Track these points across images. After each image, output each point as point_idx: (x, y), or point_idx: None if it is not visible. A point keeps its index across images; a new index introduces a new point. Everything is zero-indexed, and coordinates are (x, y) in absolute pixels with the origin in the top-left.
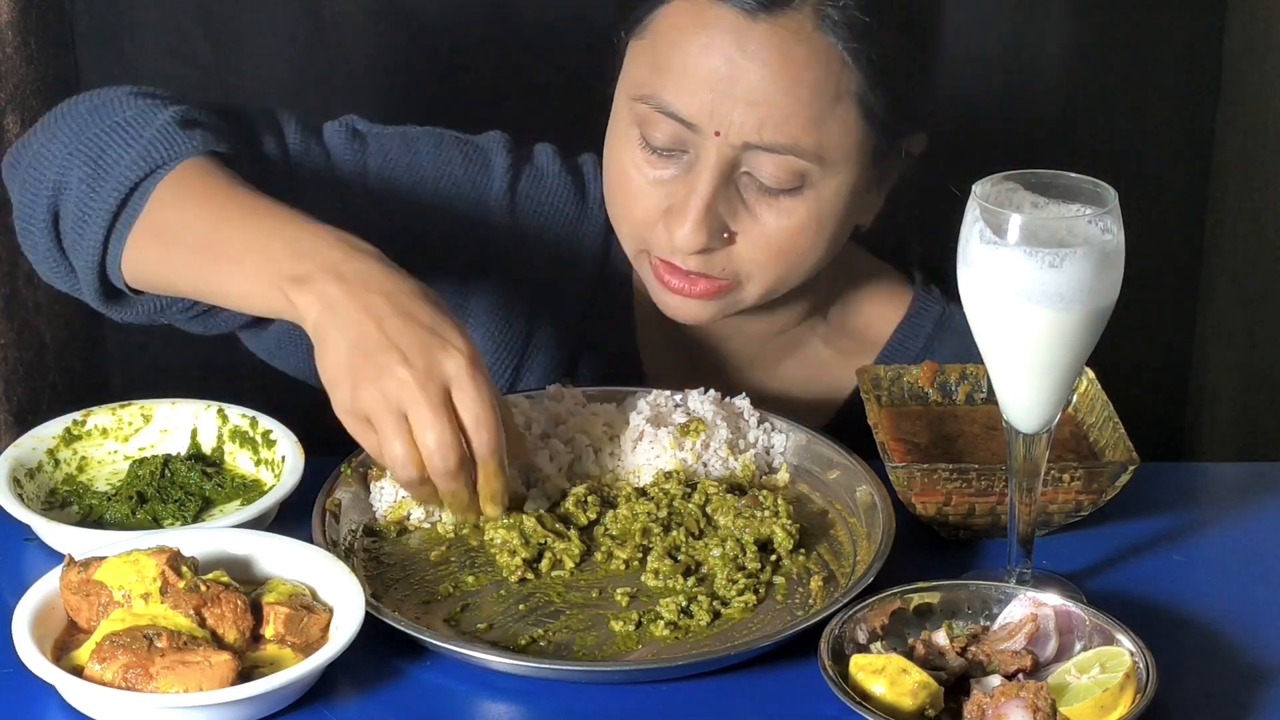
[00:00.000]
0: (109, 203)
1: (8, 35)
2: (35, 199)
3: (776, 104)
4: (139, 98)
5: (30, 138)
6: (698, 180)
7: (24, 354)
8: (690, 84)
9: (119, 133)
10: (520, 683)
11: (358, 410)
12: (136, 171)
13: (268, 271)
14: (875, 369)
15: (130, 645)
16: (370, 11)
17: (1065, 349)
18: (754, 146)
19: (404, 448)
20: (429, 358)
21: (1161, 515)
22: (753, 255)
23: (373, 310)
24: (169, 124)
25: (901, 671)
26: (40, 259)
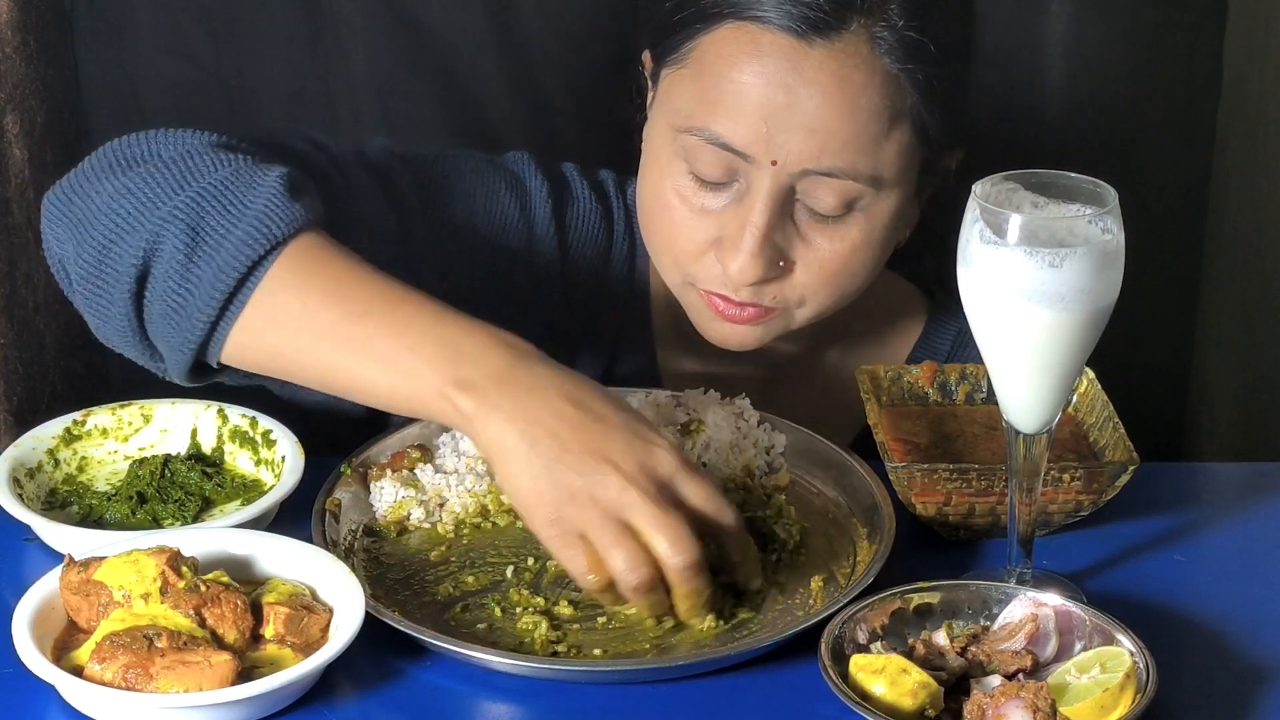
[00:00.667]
0: (220, 284)
1: (8, 35)
2: (110, 261)
3: (835, 130)
4: (221, 150)
5: (86, 179)
6: (751, 211)
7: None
8: (743, 114)
9: (219, 198)
10: (520, 683)
11: (567, 527)
12: (251, 250)
13: (425, 376)
14: (875, 369)
15: (130, 645)
16: (370, 12)
17: (1065, 349)
18: (812, 173)
19: (628, 554)
20: (640, 459)
21: (1161, 515)
22: (805, 281)
23: (564, 418)
24: (278, 192)
25: (901, 671)
26: (108, 324)
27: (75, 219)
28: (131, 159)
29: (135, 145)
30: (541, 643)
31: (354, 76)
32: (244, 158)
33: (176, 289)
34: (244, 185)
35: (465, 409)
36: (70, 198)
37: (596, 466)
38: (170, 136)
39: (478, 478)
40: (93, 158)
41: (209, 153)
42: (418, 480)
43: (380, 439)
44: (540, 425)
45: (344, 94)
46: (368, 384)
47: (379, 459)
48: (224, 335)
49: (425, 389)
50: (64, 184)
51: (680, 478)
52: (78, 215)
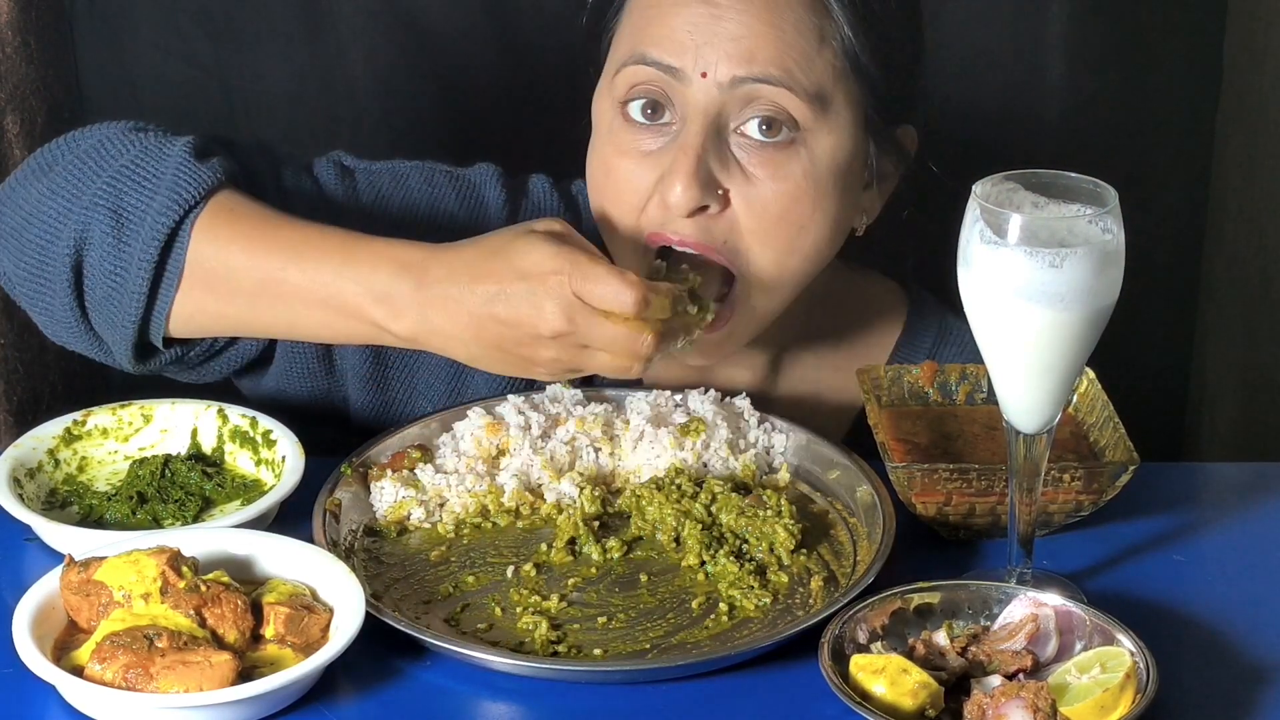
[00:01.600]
0: (147, 256)
1: (8, 35)
2: (48, 261)
3: (761, 36)
4: (132, 133)
5: (12, 190)
6: (684, 134)
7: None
8: (670, 32)
9: (132, 176)
10: (520, 683)
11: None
12: (168, 218)
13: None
14: (875, 369)
15: (130, 645)
16: (370, 12)
17: (1065, 349)
18: (744, 80)
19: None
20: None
21: (1161, 515)
22: (749, 224)
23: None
24: (185, 158)
25: (902, 671)
26: (56, 321)
27: (7, 229)
28: (52, 162)
29: (55, 148)
30: (541, 643)
31: (354, 76)
32: (154, 134)
33: (111, 272)
34: (154, 158)
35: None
36: (1, 210)
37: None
38: (86, 131)
39: (478, 477)
40: (19, 169)
41: (120, 136)
42: (418, 480)
43: (380, 439)
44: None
45: (344, 94)
46: (313, 329)
47: (379, 459)
48: (164, 308)
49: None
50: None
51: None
52: (9, 225)
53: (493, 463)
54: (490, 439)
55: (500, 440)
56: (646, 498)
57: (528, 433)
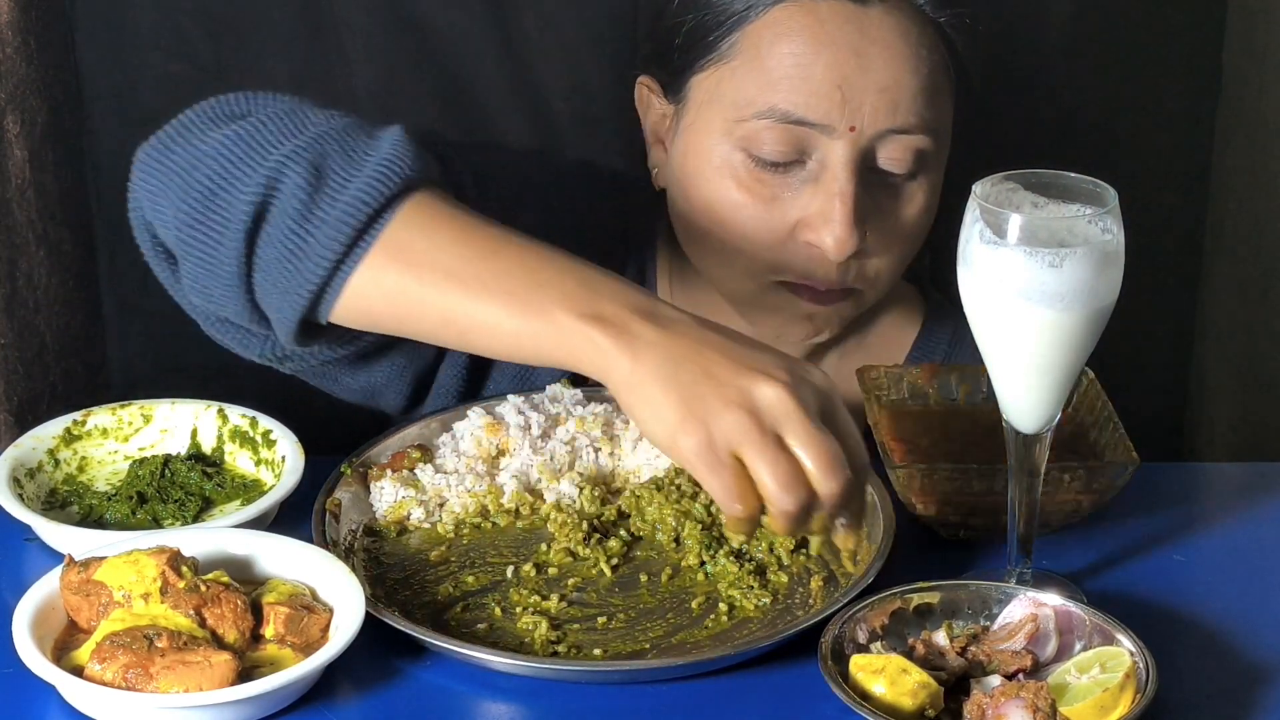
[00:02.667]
0: (346, 224)
1: (8, 35)
2: (223, 206)
3: (905, 85)
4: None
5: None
6: (835, 182)
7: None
8: (814, 85)
9: (340, 142)
10: (520, 683)
11: (715, 445)
12: (381, 189)
13: (557, 314)
14: (875, 369)
15: (130, 645)
16: (370, 12)
17: (1065, 349)
18: (890, 132)
19: (786, 472)
20: (793, 369)
21: (1161, 515)
22: (882, 252)
23: (711, 344)
24: (404, 139)
25: (901, 671)
26: (213, 273)
27: (177, 166)
28: (233, 114)
29: (234, 102)
30: (541, 643)
31: (354, 76)
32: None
33: (296, 230)
34: (364, 132)
35: (603, 342)
36: (169, 147)
37: (750, 377)
38: (267, 96)
39: (478, 477)
40: (189, 112)
41: (316, 109)
42: (418, 480)
43: (380, 439)
44: (685, 348)
45: (344, 94)
46: (493, 325)
47: (379, 459)
48: (343, 280)
49: (558, 326)
50: (159, 137)
51: (835, 397)
52: (179, 162)
53: (493, 463)
54: (490, 439)
55: (500, 440)
56: (646, 498)
57: (528, 433)
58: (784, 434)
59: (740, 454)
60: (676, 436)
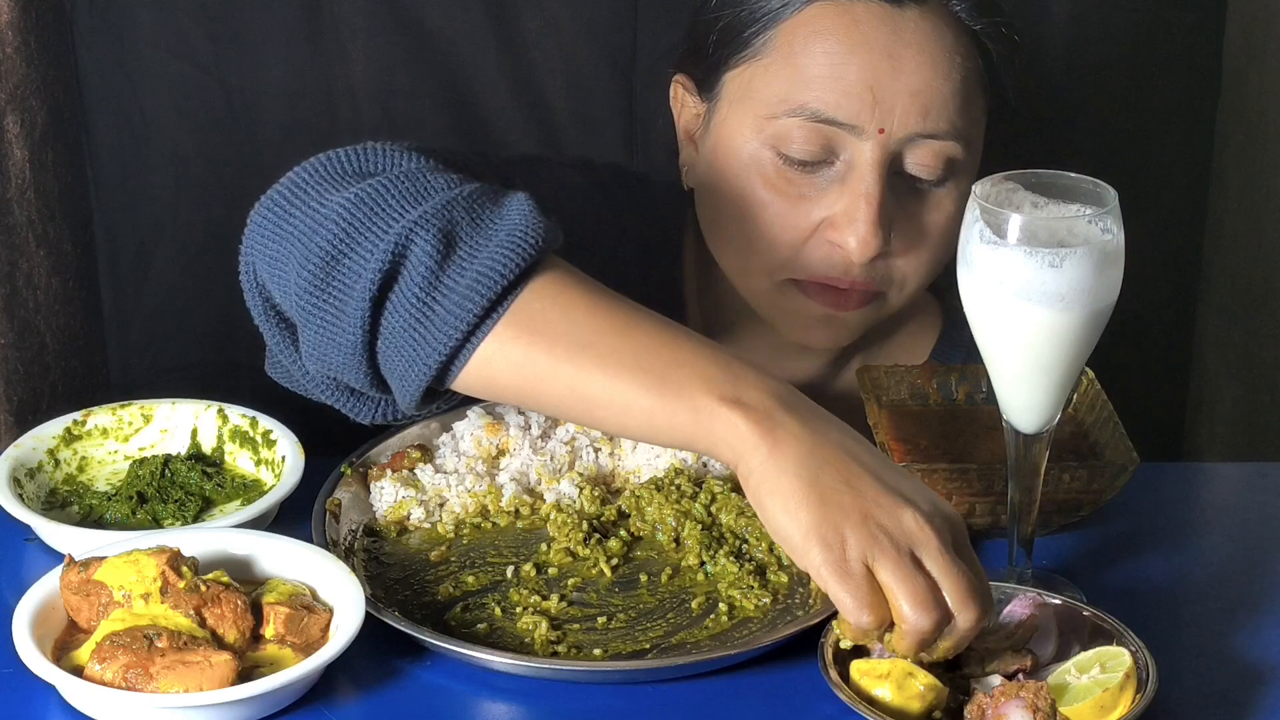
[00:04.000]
0: (477, 295)
1: (8, 35)
2: (346, 272)
3: (938, 90)
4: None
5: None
6: (862, 183)
7: (24, 354)
8: (846, 85)
9: (468, 210)
10: (520, 683)
11: (848, 553)
12: (514, 260)
13: (697, 396)
14: (875, 369)
15: (130, 645)
16: (370, 12)
17: (1065, 349)
18: (919, 136)
19: (922, 594)
20: (934, 501)
21: (1161, 515)
22: (908, 257)
23: (854, 454)
24: (532, 208)
25: (907, 675)
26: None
27: (296, 230)
28: (349, 172)
29: (349, 159)
30: (541, 643)
31: (354, 76)
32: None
33: (424, 299)
34: (492, 201)
35: (743, 429)
36: (287, 210)
37: (892, 500)
38: (383, 153)
39: (478, 478)
40: (300, 171)
41: (436, 172)
42: (418, 480)
43: (380, 439)
44: (830, 450)
45: (344, 94)
46: (627, 402)
47: (379, 459)
48: (472, 351)
49: (696, 408)
50: (272, 197)
51: (965, 534)
52: (299, 226)
53: (493, 463)
54: (490, 439)
55: (500, 440)
56: (646, 498)
57: (527, 433)
58: (921, 559)
59: (875, 567)
60: (810, 540)
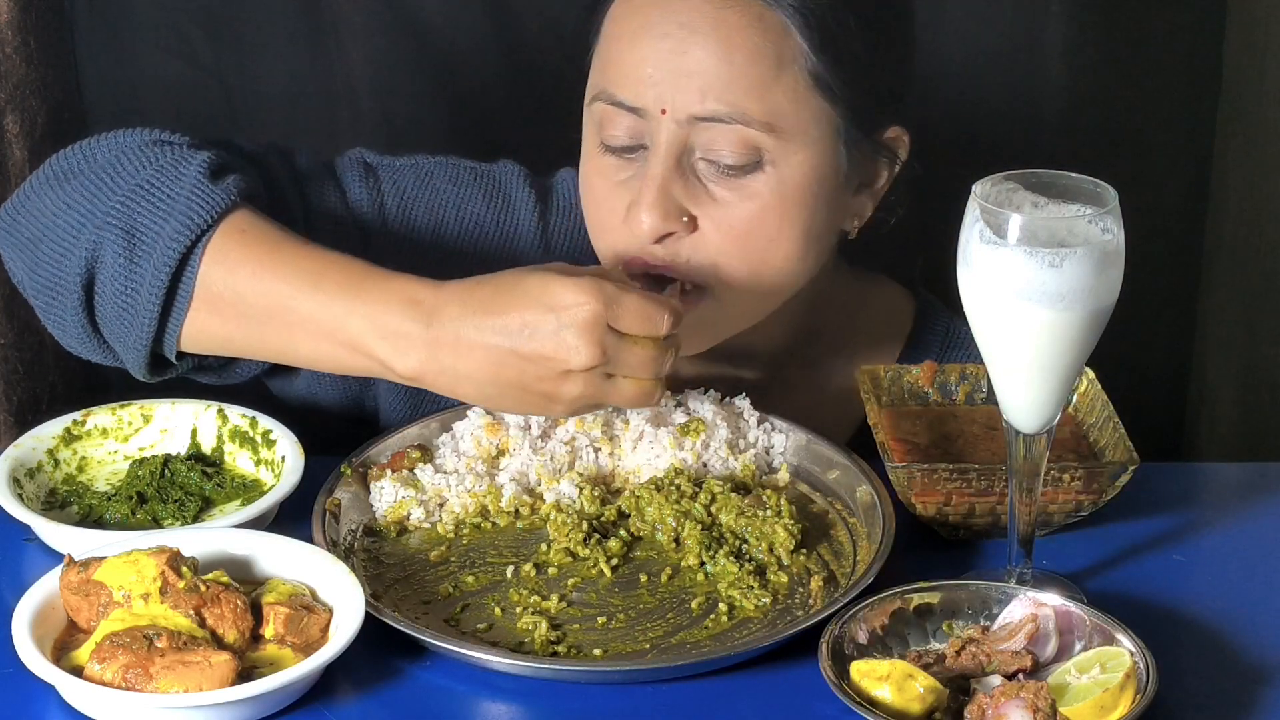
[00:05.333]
0: (157, 281)
1: (8, 35)
2: (60, 275)
3: (715, 72)
4: (151, 147)
5: (28, 199)
6: (649, 165)
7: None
8: (632, 68)
9: (147, 197)
10: (520, 683)
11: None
12: (180, 242)
13: (361, 357)
14: (875, 369)
15: (130, 645)
16: (370, 12)
17: (1065, 349)
18: (701, 119)
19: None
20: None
21: (1161, 515)
22: (716, 242)
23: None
24: (200, 180)
25: (907, 677)
26: (68, 334)
27: (24, 239)
28: (68, 171)
29: (71, 156)
30: (541, 643)
31: (354, 76)
32: (172, 149)
33: (122, 292)
34: (170, 178)
35: (410, 370)
36: (16, 219)
37: (554, 382)
38: (104, 140)
39: (478, 478)
40: (35, 175)
41: (139, 151)
42: (418, 480)
43: (380, 439)
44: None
45: (344, 94)
46: (318, 359)
47: (379, 459)
48: (175, 330)
49: (363, 364)
50: (10, 205)
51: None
52: (25, 235)
53: (492, 463)
54: (490, 439)
55: (500, 440)
56: (646, 498)
57: (527, 433)
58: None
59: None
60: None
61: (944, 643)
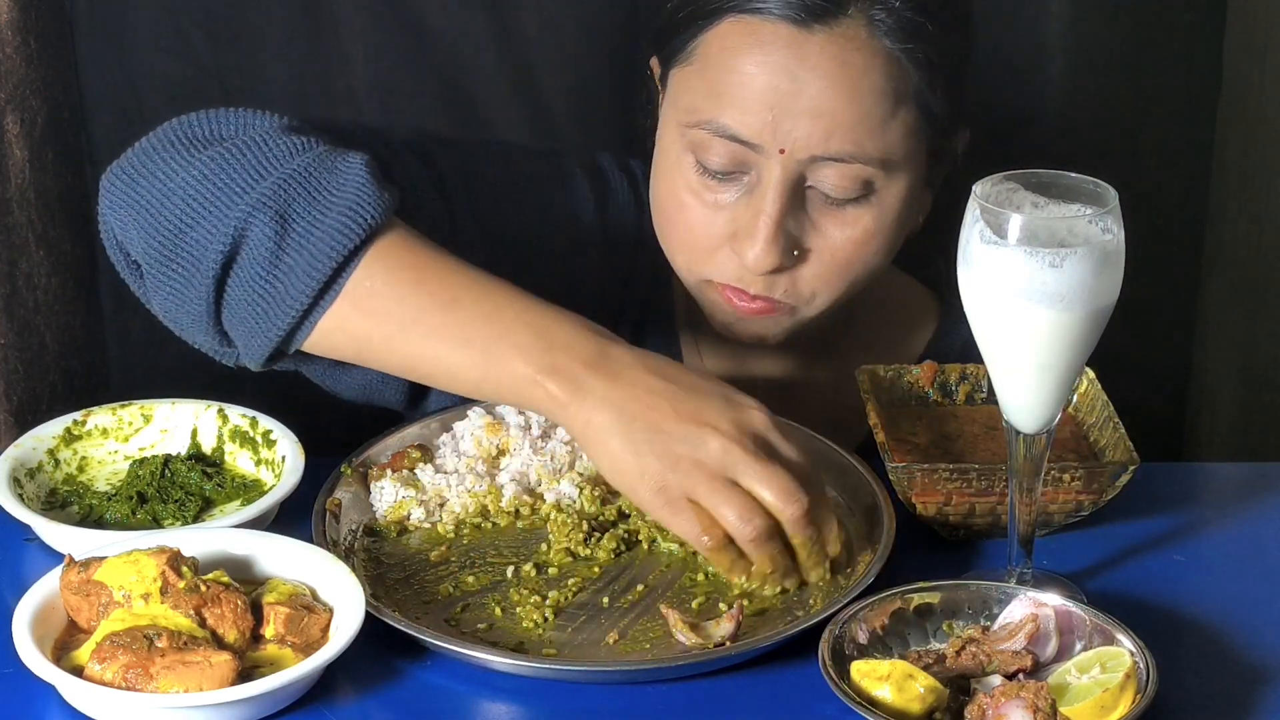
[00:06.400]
0: (314, 274)
1: (8, 35)
2: (195, 247)
3: (840, 114)
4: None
5: (150, 159)
6: (764, 200)
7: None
8: (749, 104)
9: (303, 184)
10: (520, 683)
11: (674, 494)
12: (345, 240)
13: (515, 364)
14: (875, 369)
15: (130, 645)
16: (370, 12)
17: (1065, 349)
18: (821, 159)
19: (740, 507)
20: (735, 418)
21: (1161, 515)
22: (818, 272)
23: (656, 393)
24: (367, 180)
25: (908, 677)
26: (181, 308)
27: (143, 202)
28: (199, 138)
29: (201, 124)
30: (541, 643)
31: (354, 76)
32: (318, 142)
33: (264, 277)
34: (329, 172)
35: (558, 395)
36: (135, 179)
37: (696, 432)
38: (237, 116)
39: (478, 478)
40: (153, 136)
41: (283, 136)
42: (418, 480)
43: (380, 439)
44: (635, 402)
45: (344, 94)
46: (456, 371)
47: (379, 459)
48: (312, 324)
49: (515, 376)
50: (125, 164)
51: (774, 435)
52: (145, 199)
53: (493, 463)
54: (490, 439)
55: (500, 440)
56: None
57: (528, 433)
58: (736, 478)
59: (696, 499)
60: (638, 489)
61: (944, 643)
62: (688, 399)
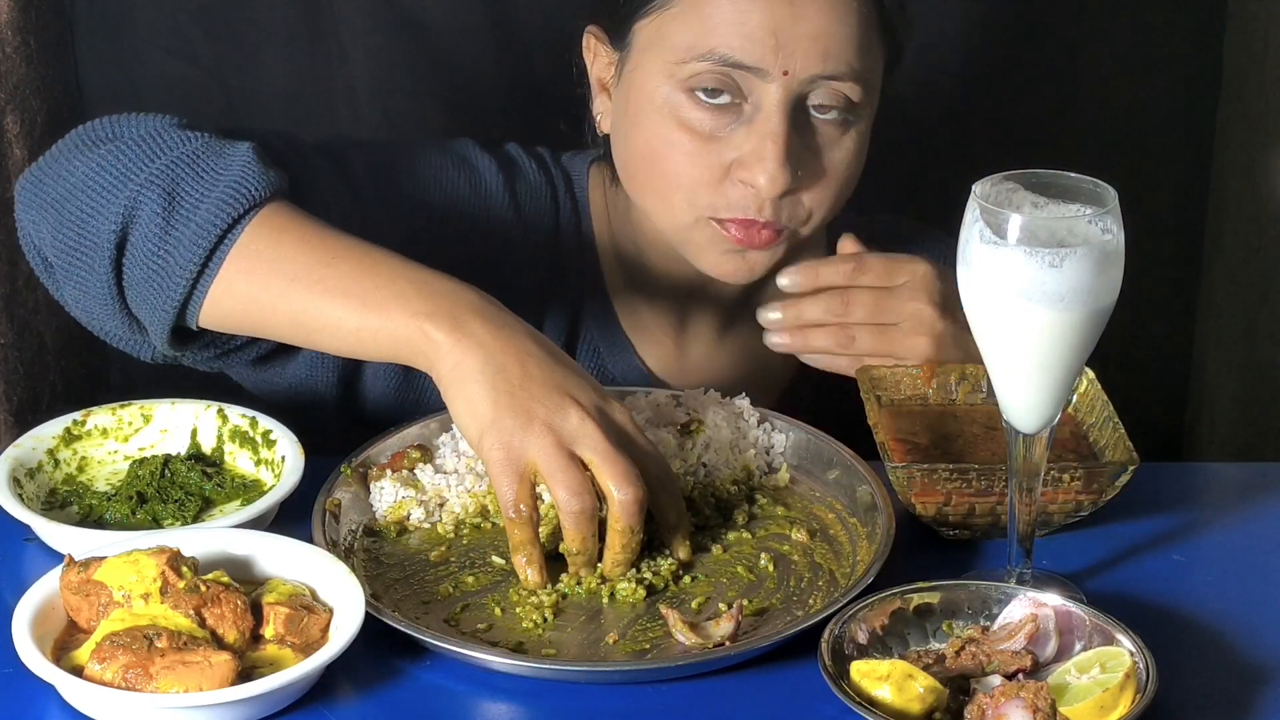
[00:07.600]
0: (199, 243)
1: (7, 35)
2: (89, 235)
3: (835, 33)
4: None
5: (55, 162)
6: (768, 123)
7: (24, 354)
8: (752, 30)
9: (191, 166)
10: (520, 683)
11: (514, 454)
12: (230, 210)
13: (395, 311)
14: (875, 369)
15: (130, 645)
16: (370, 12)
17: (1065, 349)
18: (820, 78)
19: (573, 479)
20: (597, 402)
21: (1161, 515)
22: (813, 193)
23: (531, 354)
24: (252, 159)
25: (907, 677)
26: (90, 297)
27: (50, 199)
28: (99, 138)
29: (101, 127)
30: (541, 643)
31: (354, 76)
32: (209, 134)
33: (155, 252)
34: (215, 154)
35: (435, 336)
36: (42, 180)
37: (559, 399)
38: (134, 118)
39: (478, 478)
40: (60, 142)
41: (175, 130)
42: (418, 480)
43: (380, 439)
44: (508, 355)
45: (344, 94)
46: (337, 324)
47: (379, 459)
48: (203, 293)
49: (395, 322)
50: (35, 168)
51: (632, 429)
52: (52, 195)
53: None
54: None
55: None
56: None
57: None
58: (579, 450)
59: (535, 462)
60: (485, 437)
61: (944, 643)
62: (560, 370)
